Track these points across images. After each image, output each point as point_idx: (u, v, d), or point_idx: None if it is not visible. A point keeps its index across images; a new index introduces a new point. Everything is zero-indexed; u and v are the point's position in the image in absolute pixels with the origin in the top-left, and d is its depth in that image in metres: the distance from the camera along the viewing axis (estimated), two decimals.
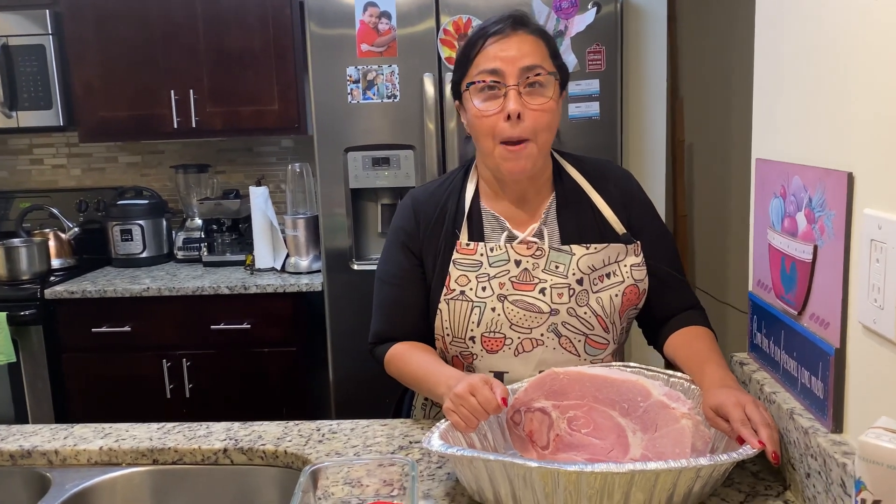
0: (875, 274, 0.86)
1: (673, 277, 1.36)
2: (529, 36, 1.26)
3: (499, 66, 1.24)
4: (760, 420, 1.02)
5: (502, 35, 1.25)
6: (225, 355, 2.74)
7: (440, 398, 1.18)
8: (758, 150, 1.24)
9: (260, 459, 1.29)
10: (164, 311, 2.72)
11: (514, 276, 1.30)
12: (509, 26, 1.26)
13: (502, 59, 1.24)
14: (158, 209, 3.14)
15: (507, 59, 1.24)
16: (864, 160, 0.89)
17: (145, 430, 1.37)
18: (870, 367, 0.90)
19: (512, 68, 1.23)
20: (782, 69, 1.13)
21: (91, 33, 2.86)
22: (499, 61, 1.24)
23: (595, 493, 0.93)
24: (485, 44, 1.26)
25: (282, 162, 3.29)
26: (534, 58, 1.24)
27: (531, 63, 1.24)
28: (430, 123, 2.40)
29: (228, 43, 2.84)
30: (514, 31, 1.26)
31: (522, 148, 1.25)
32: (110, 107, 2.91)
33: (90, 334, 2.72)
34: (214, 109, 2.88)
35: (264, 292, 2.69)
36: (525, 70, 1.24)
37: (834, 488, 0.91)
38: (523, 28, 1.26)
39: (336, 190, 2.51)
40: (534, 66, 1.24)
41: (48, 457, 1.31)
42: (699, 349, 1.26)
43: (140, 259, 3.07)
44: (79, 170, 3.38)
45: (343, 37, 2.41)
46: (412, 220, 1.38)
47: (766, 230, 1.18)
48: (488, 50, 1.25)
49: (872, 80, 0.87)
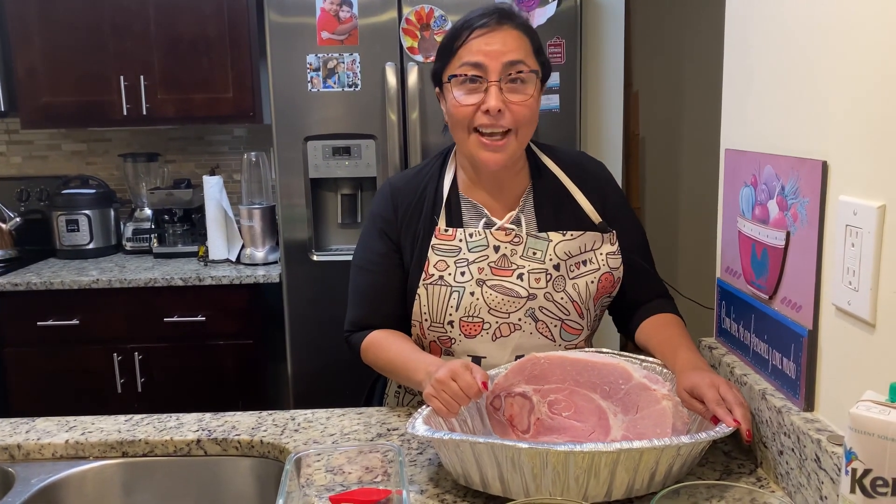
0: (850, 258, 0.90)
1: (643, 267, 1.40)
2: (514, 31, 1.26)
3: (482, 60, 1.24)
4: (734, 400, 1.06)
5: (488, 29, 1.25)
6: (178, 348, 2.68)
7: (419, 385, 1.18)
8: (727, 141, 1.28)
9: (234, 450, 1.26)
10: (115, 303, 2.64)
11: (492, 261, 1.31)
12: (495, 20, 1.25)
13: (486, 53, 1.24)
14: (106, 199, 3.04)
15: (490, 53, 1.24)
16: (839, 149, 0.93)
17: (112, 422, 1.33)
18: (842, 346, 0.94)
19: (495, 63, 1.23)
20: (753, 60, 1.17)
21: (34, 14, 2.75)
22: (482, 55, 1.24)
23: (582, 473, 0.95)
24: (469, 36, 1.25)
25: (234, 151, 3.23)
26: (517, 53, 1.24)
27: (514, 59, 1.24)
28: (391, 113, 2.39)
29: (182, 29, 2.76)
30: (499, 26, 1.25)
31: (504, 143, 1.26)
32: (55, 92, 2.80)
33: (35, 328, 2.62)
34: (166, 96, 2.81)
35: (219, 284, 2.64)
36: (508, 65, 1.24)
37: (808, 463, 0.95)
38: (509, 22, 1.26)
39: (295, 180, 2.48)
40: (517, 62, 1.24)
41: (10, 451, 1.26)
42: (671, 335, 1.29)
43: (87, 250, 2.97)
44: (19, 157, 3.24)
45: (303, 25, 2.38)
46: (389, 207, 1.38)
47: (737, 218, 1.22)
48: (472, 43, 1.25)
49: (846, 69, 0.90)
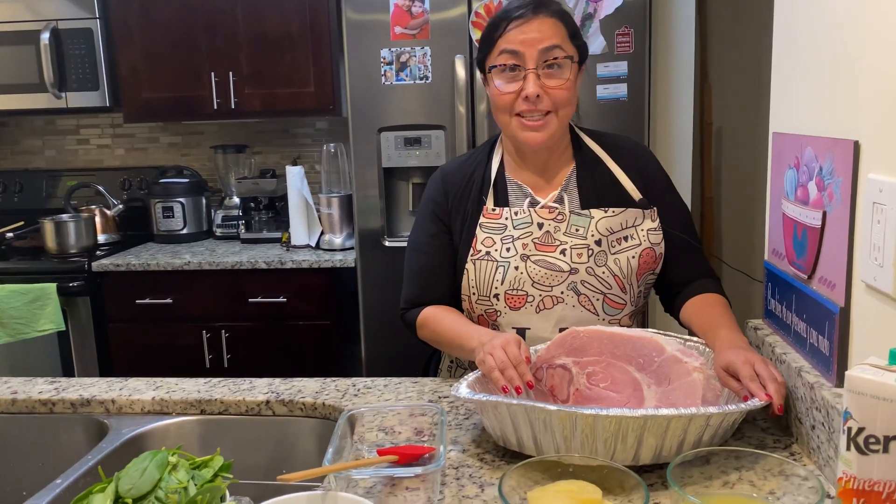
0: (876, 234, 0.92)
1: (688, 244, 1.43)
2: (549, 18, 1.33)
3: (519, 49, 1.31)
4: (768, 375, 1.08)
5: (524, 19, 1.33)
6: (262, 327, 2.85)
7: (471, 353, 1.26)
8: (775, 125, 1.29)
9: (300, 411, 1.38)
10: (204, 284, 2.84)
11: (536, 237, 1.38)
12: (531, 10, 1.33)
13: (522, 41, 1.31)
14: (198, 188, 3.26)
15: (527, 41, 1.31)
16: (869, 129, 0.95)
17: (193, 383, 1.48)
18: (870, 322, 0.96)
19: (532, 51, 1.31)
20: (797, 49, 1.19)
21: (136, 17, 2.98)
22: (519, 44, 1.32)
23: (610, 437, 1.01)
24: (507, 26, 1.33)
25: (316, 143, 3.39)
26: (553, 39, 1.32)
27: (550, 44, 1.31)
28: (460, 105, 2.48)
29: (267, 27, 2.94)
30: (535, 15, 1.33)
31: (544, 122, 1.33)
32: (154, 88, 3.03)
33: (134, 305, 2.86)
34: (253, 91, 2.99)
35: (300, 267, 2.80)
36: (544, 52, 1.31)
37: (835, 436, 0.97)
38: (544, 10, 1.33)
39: (369, 169, 2.60)
40: (552, 48, 1.31)
41: (105, 405, 1.42)
42: (713, 314, 1.32)
43: (181, 235, 3.20)
44: (122, 150, 3.51)
45: (377, 21, 2.49)
46: (441, 191, 1.47)
47: (781, 200, 1.24)
48: (510, 33, 1.33)
49: (877, 57, 0.93)
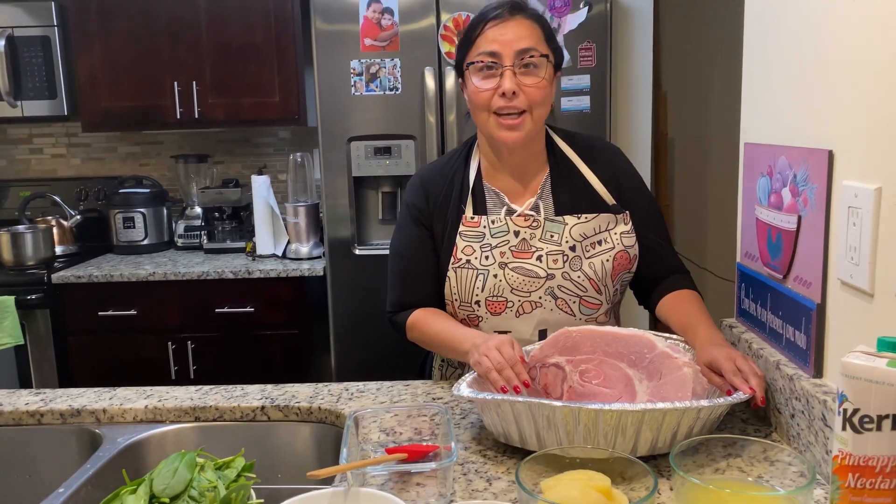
0: (852, 236, 1.00)
1: (660, 244, 1.51)
2: (526, 20, 1.40)
3: (496, 49, 1.37)
4: (750, 370, 1.16)
5: (501, 19, 1.39)
6: (229, 338, 2.84)
7: (465, 355, 1.31)
8: (746, 136, 1.38)
9: (295, 416, 1.40)
10: (170, 294, 2.82)
11: (513, 245, 1.43)
12: (507, 11, 1.39)
13: (500, 41, 1.37)
14: (159, 198, 3.22)
15: (504, 41, 1.37)
16: (842, 139, 1.04)
17: (185, 391, 1.48)
18: (846, 316, 1.04)
19: (508, 50, 1.37)
20: (769, 62, 1.28)
21: (95, 25, 2.95)
22: (496, 44, 1.37)
23: (610, 430, 1.07)
24: (485, 27, 1.39)
25: (279, 152, 3.39)
26: (529, 41, 1.38)
27: (526, 45, 1.37)
28: (430, 115, 2.53)
29: (231, 36, 2.94)
30: (511, 16, 1.39)
31: (520, 122, 1.39)
32: (114, 97, 3.00)
33: (96, 318, 2.81)
34: (217, 101, 2.98)
35: (267, 277, 2.80)
36: (520, 52, 1.37)
37: (815, 422, 1.06)
38: (520, 13, 1.40)
39: (339, 178, 2.63)
40: (528, 49, 1.37)
41: (96, 415, 1.41)
42: (689, 311, 1.40)
43: (142, 246, 3.16)
44: (78, 159, 3.44)
45: (347, 32, 2.53)
46: (422, 197, 1.51)
47: (754, 206, 1.32)
48: (487, 33, 1.39)
49: (850, 69, 1.01)
